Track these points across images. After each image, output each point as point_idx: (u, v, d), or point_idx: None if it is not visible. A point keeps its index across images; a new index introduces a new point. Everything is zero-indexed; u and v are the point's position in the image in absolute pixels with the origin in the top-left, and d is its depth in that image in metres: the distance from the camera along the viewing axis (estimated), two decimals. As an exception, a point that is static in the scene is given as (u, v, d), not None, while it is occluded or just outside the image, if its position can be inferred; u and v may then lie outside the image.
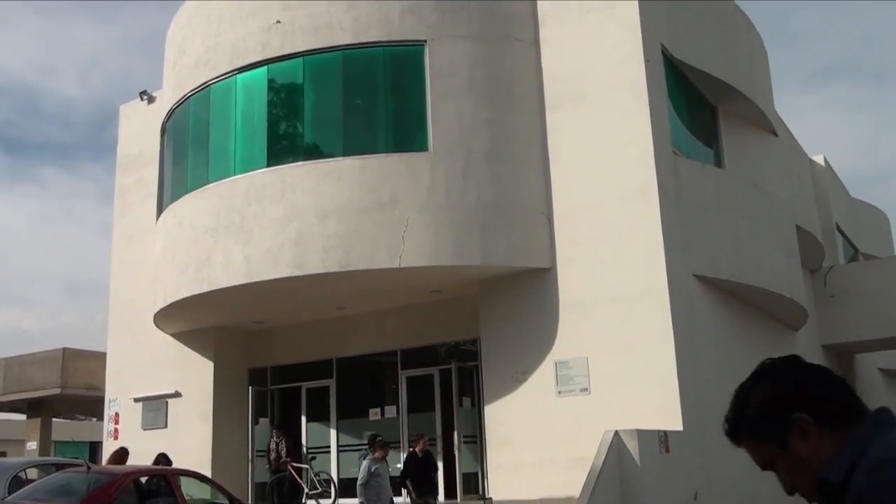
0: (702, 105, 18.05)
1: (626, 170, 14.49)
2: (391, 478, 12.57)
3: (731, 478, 14.44)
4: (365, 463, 11.97)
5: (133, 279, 19.36)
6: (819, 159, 24.28)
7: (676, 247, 14.45)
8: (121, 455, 13.92)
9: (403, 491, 13.08)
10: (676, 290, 14.08)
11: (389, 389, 17.77)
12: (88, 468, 11.41)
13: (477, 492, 14.72)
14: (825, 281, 21.98)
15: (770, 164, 19.56)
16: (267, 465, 17.35)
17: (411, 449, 12.90)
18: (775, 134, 19.81)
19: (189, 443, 16.84)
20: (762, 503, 15.38)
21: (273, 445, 16.86)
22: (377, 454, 12.25)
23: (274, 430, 17.43)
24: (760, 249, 16.80)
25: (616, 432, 12.55)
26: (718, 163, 17.95)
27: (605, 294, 14.33)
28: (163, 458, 14.00)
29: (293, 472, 17.00)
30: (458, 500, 15.47)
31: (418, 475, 12.55)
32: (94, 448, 29.33)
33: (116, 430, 19.61)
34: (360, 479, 11.89)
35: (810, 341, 20.93)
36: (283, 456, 16.68)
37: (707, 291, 15.43)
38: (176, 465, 14.05)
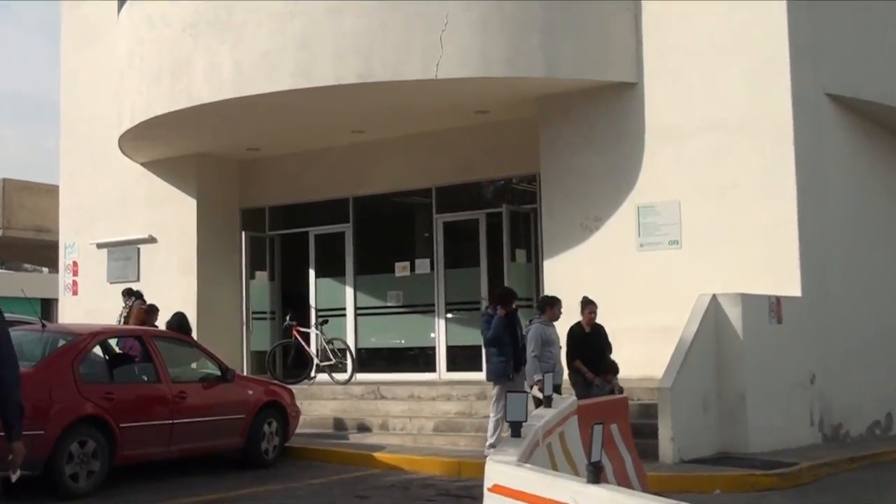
0: None
1: (745, -51, 14.00)
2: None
3: (855, 355, 14.84)
4: (535, 328, 11.66)
5: (90, 92, 19.53)
6: None
7: (805, 57, 14.18)
8: (149, 313, 14.66)
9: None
10: (802, 114, 13.91)
11: (421, 238, 18.03)
12: (44, 326, 11.69)
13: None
14: None
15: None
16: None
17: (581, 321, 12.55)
18: None
19: (168, 300, 16.61)
20: (893, 387, 15.56)
21: (121, 309, 15.98)
22: (546, 315, 11.96)
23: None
24: (918, 61, 16.59)
25: (714, 296, 12.76)
26: (869, -57, 17.90)
27: (708, 118, 14.19)
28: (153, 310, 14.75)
29: (300, 339, 17.25)
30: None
31: (586, 355, 12.25)
32: (48, 306, 29.98)
33: (75, 284, 20.18)
34: (531, 349, 11.51)
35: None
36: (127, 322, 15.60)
37: (843, 116, 15.37)
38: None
